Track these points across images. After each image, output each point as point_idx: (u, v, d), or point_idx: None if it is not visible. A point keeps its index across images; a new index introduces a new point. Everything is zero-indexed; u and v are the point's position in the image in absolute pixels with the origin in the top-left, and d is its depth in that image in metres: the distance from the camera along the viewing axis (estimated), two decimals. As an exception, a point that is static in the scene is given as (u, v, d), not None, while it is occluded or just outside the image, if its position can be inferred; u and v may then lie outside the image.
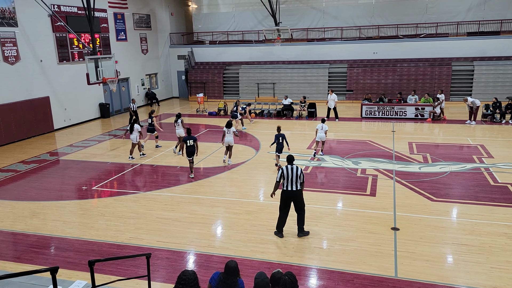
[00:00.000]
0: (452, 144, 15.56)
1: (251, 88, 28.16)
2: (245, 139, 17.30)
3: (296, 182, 8.09)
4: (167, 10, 30.17)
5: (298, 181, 8.10)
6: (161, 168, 13.65)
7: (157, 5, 29.12)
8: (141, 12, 27.36)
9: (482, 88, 23.87)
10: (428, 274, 7.07)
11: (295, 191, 8.14)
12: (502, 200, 10.07)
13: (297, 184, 8.11)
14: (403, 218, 9.25)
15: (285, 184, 8.13)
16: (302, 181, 8.16)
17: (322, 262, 7.56)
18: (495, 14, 25.22)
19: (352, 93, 26.37)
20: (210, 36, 31.43)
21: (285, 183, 8.13)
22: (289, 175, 8.08)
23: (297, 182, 8.11)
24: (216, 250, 8.16)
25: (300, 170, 8.12)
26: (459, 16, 25.93)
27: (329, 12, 28.48)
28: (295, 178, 8.07)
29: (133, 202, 10.78)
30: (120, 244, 8.49)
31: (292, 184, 8.09)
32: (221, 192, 11.25)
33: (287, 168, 8.14)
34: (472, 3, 25.73)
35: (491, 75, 23.88)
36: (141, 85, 27.56)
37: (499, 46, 24.48)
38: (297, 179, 8.09)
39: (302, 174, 8.13)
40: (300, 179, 8.12)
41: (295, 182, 8.08)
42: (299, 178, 8.11)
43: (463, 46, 25.14)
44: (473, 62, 24.78)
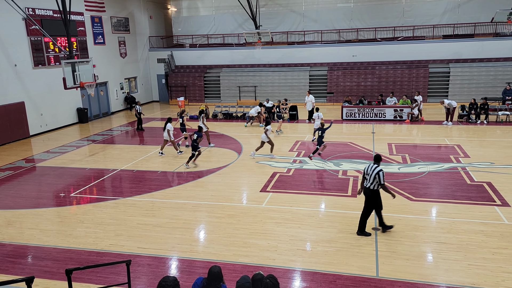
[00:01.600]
0: (429, 144, 15.86)
1: (232, 91, 28.14)
2: (228, 142, 17.24)
3: (373, 181, 8.30)
4: (146, 13, 29.91)
5: (374, 181, 8.29)
6: (141, 173, 13.47)
7: (136, 8, 28.83)
8: (119, 15, 27.03)
9: (458, 89, 24.46)
10: (409, 273, 7.17)
11: (370, 190, 8.40)
12: (479, 199, 10.30)
13: (373, 183, 8.32)
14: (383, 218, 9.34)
15: (365, 182, 8.55)
16: (379, 183, 8.28)
17: (304, 264, 7.58)
18: (469, 17, 25.91)
19: (332, 96, 26.63)
20: (190, 39, 31.29)
21: (365, 181, 8.54)
22: (368, 173, 8.43)
23: (374, 182, 8.30)
24: (198, 255, 8.09)
25: (376, 171, 8.26)
26: (435, 20, 26.53)
27: (308, 15, 28.73)
28: (372, 178, 8.31)
29: (113, 208, 10.59)
30: (100, 252, 8.32)
31: (368, 182, 8.40)
32: (203, 196, 11.17)
33: (368, 167, 8.53)
34: (447, 6, 26.38)
35: (466, 77, 24.49)
36: (120, 89, 27.20)
37: (474, 49, 25.14)
38: (374, 179, 8.29)
39: (378, 176, 8.25)
40: (376, 179, 8.26)
41: (371, 181, 8.33)
42: (375, 179, 8.27)
43: (439, 48, 25.72)
44: (449, 64, 25.37)
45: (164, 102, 30.32)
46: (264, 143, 14.70)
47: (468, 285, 6.75)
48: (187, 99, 27.92)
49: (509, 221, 9.01)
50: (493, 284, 6.74)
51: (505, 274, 6.99)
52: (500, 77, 23.79)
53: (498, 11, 19.94)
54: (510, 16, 19.80)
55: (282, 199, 10.74)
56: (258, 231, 8.95)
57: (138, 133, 19.94)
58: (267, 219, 9.55)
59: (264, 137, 14.56)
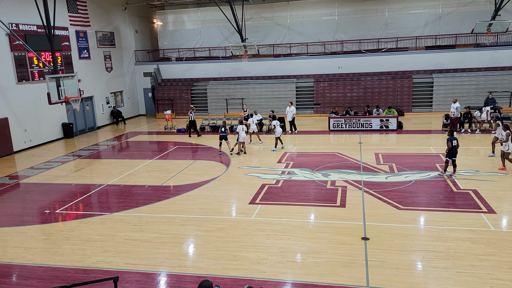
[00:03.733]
0: (416, 153, 16.04)
1: (219, 104, 28.17)
2: (216, 155, 17.20)
3: None
4: (131, 27, 29.93)
5: None
6: (128, 188, 13.31)
7: (121, 22, 28.84)
8: (105, 30, 26.99)
9: (441, 99, 24.90)
10: (399, 282, 7.18)
11: None
12: (465, 206, 10.43)
13: None
14: (372, 227, 9.39)
15: None
16: None
17: (295, 276, 7.53)
18: (450, 28, 26.55)
19: (319, 107, 26.86)
20: (176, 53, 31.35)
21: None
22: None
23: None
24: (188, 269, 7.98)
25: None
26: (417, 31, 27.11)
27: (294, 28, 29.10)
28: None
29: (100, 224, 10.42)
30: (87, 269, 8.15)
31: None
32: (191, 210, 11.07)
33: None
34: (429, 18, 27.01)
35: (449, 87, 24.98)
36: (106, 103, 27.01)
37: (455, 59, 25.71)
38: None
39: None
40: None
41: None
42: None
43: (422, 59, 26.24)
44: (432, 74, 25.86)
45: (151, 116, 30.18)
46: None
47: (458, 292, 6.79)
48: (174, 113, 27.84)
49: (495, 227, 9.12)
50: (482, 291, 6.79)
51: (493, 281, 7.05)
52: (482, 87, 24.32)
53: (478, 22, 20.49)
54: (490, 27, 20.35)
55: (271, 211, 10.70)
56: (247, 243, 8.88)
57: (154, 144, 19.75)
58: (257, 231, 9.50)
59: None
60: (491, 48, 25.28)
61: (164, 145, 19.93)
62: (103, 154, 18.76)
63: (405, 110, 25.30)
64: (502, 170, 13.17)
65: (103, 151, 19.38)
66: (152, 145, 20.85)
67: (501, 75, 24.34)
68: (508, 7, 22.59)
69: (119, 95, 28.98)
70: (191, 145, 19.38)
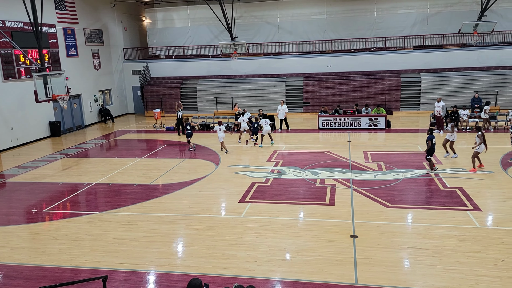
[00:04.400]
0: (404, 152, 16.22)
1: (209, 102, 28.10)
2: (205, 153, 17.16)
3: None
4: (120, 25, 29.66)
5: None
6: (117, 187, 13.22)
7: (110, 20, 28.55)
8: (93, 27, 26.70)
9: (429, 98, 25.17)
10: (387, 279, 7.26)
11: None
12: (452, 204, 10.58)
13: None
14: (361, 225, 9.48)
15: None
16: None
17: (284, 274, 7.57)
18: (437, 28, 26.84)
19: (309, 106, 26.95)
20: (165, 51, 31.15)
21: None
22: None
23: None
24: (177, 268, 7.96)
25: None
26: (405, 31, 27.35)
27: (284, 27, 29.13)
28: None
29: (88, 223, 10.33)
30: (74, 268, 8.08)
31: None
32: (181, 209, 11.04)
33: None
34: (416, 18, 27.27)
35: (437, 86, 25.26)
36: (94, 101, 26.74)
37: (442, 59, 26.02)
38: None
39: None
40: None
41: None
42: None
43: (410, 59, 26.49)
44: (420, 74, 26.14)
45: (139, 114, 29.97)
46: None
47: (444, 289, 6.90)
48: (163, 111, 27.68)
49: (481, 225, 9.28)
50: (468, 287, 6.90)
51: (479, 277, 7.17)
52: (469, 86, 24.66)
53: (465, 22, 20.75)
54: (476, 28, 20.63)
55: (261, 210, 10.73)
56: (237, 242, 8.90)
57: (119, 143, 19.61)
58: (246, 230, 9.52)
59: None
60: (478, 48, 25.62)
61: (153, 143, 19.82)
62: (91, 152, 18.58)
63: (393, 109, 25.54)
64: (472, 171, 13.26)
65: (91, 149, 19.20)
66: (141, 143, 20.72)
67: (487, 75, 24.70)
68: (494, 8, 22.93)
69: (108, 93, 28.70)
70: (180, 144, 19.31)
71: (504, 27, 25.33)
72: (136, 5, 31.49)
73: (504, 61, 25.19)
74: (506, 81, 24.27)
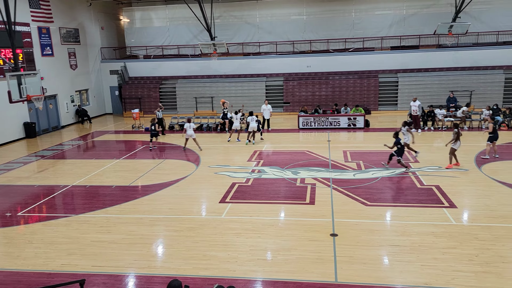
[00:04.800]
0: (382, 151, 16.45)
1: (189, 102, 27.90)
2: (185, 154, 17.03)
3: None
4: (97, 24, 29.14)
5: None
6: (95, 189, 12.97)
7: (86, 19, 28.01)
8: (69, 26, 26.14)
9: (406, 98, 25.63)
10: (366, 276, 7.36)
11: None
12: (429, 201, 10.81)
13: None
14: (341, 224, 9.58)
15: None
16: None
17: (265, 274, 7.58)
18: (414, 29, 27.38)
19: (289, 106, 27.08)
20: (144, 51, 30.77)
21: None
22: None
23: None
24: (157, 270, 7.87)
25: None
26: (383, 32, 27.80)
27: (263, 27, 29.18)
28: None
29: (65, 226, 10.11)
30: (51, 272, 7.89)
31: None
32: (160, 210, 10.92)
33: None
34: (393, 19, 27.75)
35: (414, 86, 25.78)
36: (71, 102, 26.19)
37: (419, 59, 26.57)
38: None
39: None
40: None
41: None
42: None
43: (387, 59, 26.95)
44: (397, 74, 26.62)
45: (118, 115, 29.51)
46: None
47: (422, 285, 7.03)
48: (142, 111, 27.33)
49: (456, 221, 9.51)
50: (444, 283, 7.05)
51: (455, 273, 7.35)
52: (444, 86, 25.25)
53: (440, 24, 21.23)
54: (451, 29, 21.14)
55: (241, 210, 10.72)
56: (218, 243, 8.86)
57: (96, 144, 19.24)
58: (227, 230, 9.49)
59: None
60: (452, 49, 26.28)
61: (132, 144, 19.55)
62: (67, 154, 18.19)
63: (372, 109, 25.93)
64: (449, 167, 13.64)
65: (68, 151, 18.79)
66: (119, 144, 20.41)
67: (462, 75, 25.36)
68: (468, 10, 23.53)
69: (85, 93, 28.16)
70: (160, 144, 19.10)
71: (478, 28, 26.04)
72: (113, 4, 30.99)
73: (478, 62, 25.91)
74: (479, 81, 24.97)
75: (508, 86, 24.85)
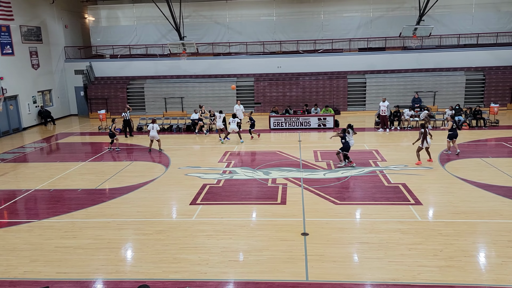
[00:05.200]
0: (351, 150, 16.72)
1: (158, 103, 27.45)
2: (154, 155, 16.72)
3: None
4: (60, 22, 28.20)
5: None
6: (59, 192, 12.52)
7: (49, 17, 27.03)
8: (30, 24, 25.15)
9: (373, 98, 26.26)
10: (336, 274, 7.44)
11: None
12: (395, 199, 11.07)
13: None
14: (311, 223, 9.66)
15: None
16: None
17: (237, 275, 7.53)
18: (380, 32, 28.07)
19: (260, 106, 27.13)
20: (110, 50, 30.02)
21: None
22: None
23: None
24: (125, 275, 7.67)
25: None
26: (351, 34, 28.33)
27: (233, 27, 29.11)
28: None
29: (27, 232, 9.69)
30: (13, 280, 7.54)
31: None
32: (129, 214, 10.65)
33: None
34: (361, 22, 28.33)
35: (380, 86, 26.42)
36: (33, 102, 25.21)
37: (385, 61, 27.26)
38: None
39: None
40: None
41: None
42: None
43: (355, 60, 27.49)
44: (365, 75, 27.20)
45: (83, 116, 28.66)
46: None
47: (389, 281, 7.18)
48: (109, 112, 26.65)
49: (422, 218, 9.78)
50: (410, 278, 7.23)
51: (421, 268, 7.55)
52: (409, 87, 26.01)
53: (405, 26, 21.85)
54: (415, 32, 21.79)
55: (212, 211, 10.62)
56: (188, 245, 8.73)
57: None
58: (198, 232, 9.37)
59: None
60: (417, 51, 27.12)
61: (99, 146, 19.03)
62: (30, 157, 17.48)
63: (341, 109, 26.37)
64: (418, 164, 14.20)
65: (30, 153, 18.07)
66: (85, 146, 19.82)
67: (426, 76, 26.22)
68: (431, 13, 24.35)
69: (48, 94, 27.18)
70: (128, 146, 18.69)
71: (440, 31, 27.01)
72: (78, 2, 30.11)
73: (441, 63, 26.87)
74: (442, 82, 25.89)
75: (469, 87, 25.90)
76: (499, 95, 25.48)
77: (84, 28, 31.30)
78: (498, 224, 9.33)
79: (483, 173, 13.06)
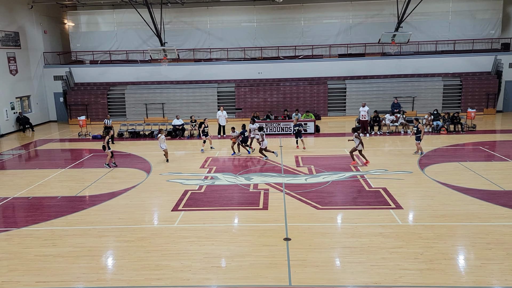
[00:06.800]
0: (332, 155, 16.96)
1: (139, 109, 27.20)
2: (136, 162, 16.55)
3: None
4: (39, 27, 27.72)
5: None
6: (38, 200, 12.26)
7: (27, 21, 26.55)
8: (8, 29, 24.64)
9: (353, 103, 26.64)
10: (319, 279, 7.51)
11: None
12: (376, 203, 11.25)
13: None
14: (293, 228, 9.73)
15: None
16: None
17: (219, 281, 7.52)
18: (360, 38, 28.57)
19: (241, 111, 27.19)
20: (90, 56, 29.65)
21: None
22: None
23: None
24: (107, 283, 7.57)
25: None
26: (330, 40, 28.75)
27: (214, 33, 29.17)
28: None
29: (5, 241, 9.46)
30: (-11, 292, 7.35)
31: None
32: (110, 221, 10.52)
33: None
34: (340, 28, 28.78)
35: (360, 92, 26.84)
36: (11, 109, 24.65)
37: (365, 66, 27.73)
38: None
39: None
40: None
41: None
42: None
43: (335, 66, 27.86)
44: (345, 80, 27.60)
45: (63, 122, 28.16)
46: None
47: (371, 284, 7.29)
48: (89, 118, 26.27)
49: (402, 222, 9.97)
50: (392, 281, 7.36)
51: (402, 271, 7.69)
52: (389, 92, 26.50)
53: (384, 33, 22.30)
54: (394, 38, 22.27)
55: (194, 217, 10.58)
56: (170, 252, 8.68)
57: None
58: (180, 238, 9.32)
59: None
60: (396, 57, 27.69)
61: (79, 153, 18.72)
62: (7, 164, 17.07)
63: (322, 114, 26.65)
64: (353, 164, 15.12)
65: (8, 161, 17.64)
66: (65, 153, 19.47)
67: (405, 82, 26.77)
68: (409, 20, 24.94)
69: (26, 100, 26.63)
70: (109, 153, 18.40)
71: (418, 38, 27.66)
72: (57, 7, 29.67)
73: (419, 69, 27.49)
74: (421, 87, 26.49)
75: (447, 92, 26.57)
76: (476, 100, 26.21)
77: (64, 33, 30.84)
78: (476, 227, 9.58)
79: (461, 177, 13.39)
